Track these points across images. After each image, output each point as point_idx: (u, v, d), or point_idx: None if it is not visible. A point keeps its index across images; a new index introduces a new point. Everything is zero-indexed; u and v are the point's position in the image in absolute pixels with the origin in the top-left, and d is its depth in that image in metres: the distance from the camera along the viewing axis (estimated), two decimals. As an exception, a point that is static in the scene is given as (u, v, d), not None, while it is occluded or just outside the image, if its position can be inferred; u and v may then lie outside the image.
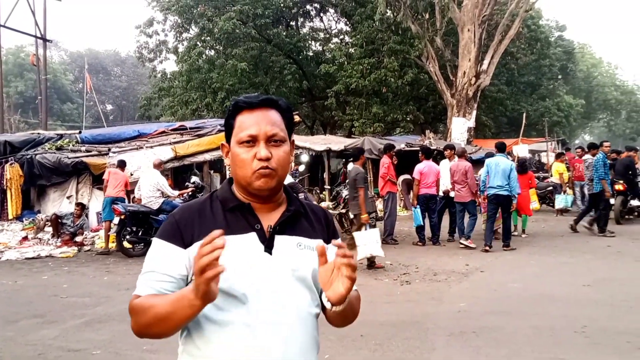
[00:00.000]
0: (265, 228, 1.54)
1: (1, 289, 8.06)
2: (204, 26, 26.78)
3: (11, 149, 14.02)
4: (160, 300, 1.41)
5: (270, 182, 1.52)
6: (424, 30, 23.98)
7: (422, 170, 10.84)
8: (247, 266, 1.47)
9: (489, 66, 23.37)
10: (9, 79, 48.16)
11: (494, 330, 5.48)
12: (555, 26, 45.14)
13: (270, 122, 1.54)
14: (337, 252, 1.39)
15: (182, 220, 1.54)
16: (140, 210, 10.53)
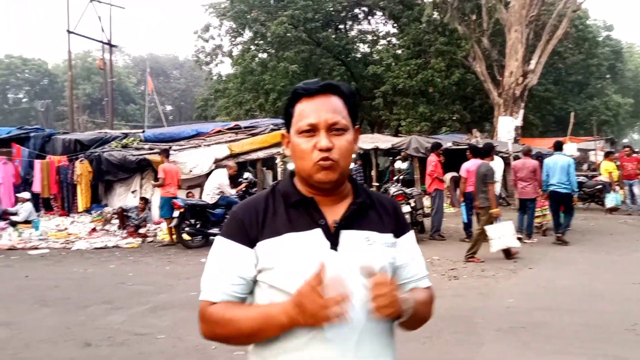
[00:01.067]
0: (330, 223, 1.40)
1: (73, 276, 8.38)
2: (257, 30, 27.07)
3: (81, 146, 14.52)
4: (242, 316, 1.35)
5: (332, 175, 1.38)
6: (471, 31, 23.51)
7: (470, 168, 10.63)
8: (311, 265, 1.31)
9: (537, 66, 22.71)
10: (77, 82, 49.92)
11: (543, 326, 5.33)
12: (603, 26, 43.47)
13: (331, 110, 1.39)
14: (374, 289, 1.28)
15: (246, 218, 1.43)
16: (198, 204, 10.74)
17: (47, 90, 60.18)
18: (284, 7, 26.63)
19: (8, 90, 61.42)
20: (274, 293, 1.37)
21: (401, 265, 1.48)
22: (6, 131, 15.32)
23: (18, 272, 8.77)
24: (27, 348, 4.92)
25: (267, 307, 1.35)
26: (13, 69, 59.29)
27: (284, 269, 1.35)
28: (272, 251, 1.37)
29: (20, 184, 14.02)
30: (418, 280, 1.53)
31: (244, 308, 1.39)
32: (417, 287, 1.52)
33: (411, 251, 1.53)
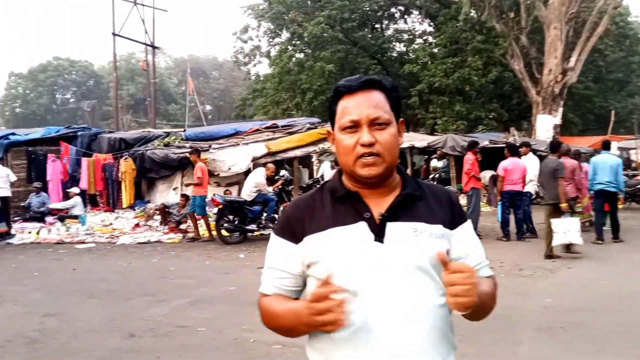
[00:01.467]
0: (375, 216, 1.39)
1: (118, 269, 8.58)
2: (294, 31, 27.18)
3: (125, 145, 14.86)
4: (281, 311, 1.40)
5: (376, 169, 1.37)
6: (509, 29, 23.04)
7: (507, 167, 10.43)
8: (356, 258, 1.34)
9: (576, 63, 22.11)
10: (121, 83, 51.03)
11: (582, 326, 5.19)
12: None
13: (372, 105, 1.39)
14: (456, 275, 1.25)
15: (292, 216, 1.47)
16: (236, 201, 10.86)
17: (93, 90, 61.77)
18: (321, 7, 26.67)
19: (56, 91, 63.31)
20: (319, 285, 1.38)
21: (460, 257, 1.44)
22: (55, 130, 15.80)
23: (66, 265, 9.04)
24: (75, 338, 5.06)
25: (298, 305, 1.37)
26: (61, 71, 61.05)
27: (329, 263, 1.36)
28: (317, 245, 1.39)
29: (68, 181, 14.46)
30: (480, 270, 1.48)
31: (285, 303, 1.42)
32: (480, 277, 1.44)
33: (469, 241, 1.48)
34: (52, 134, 15.40)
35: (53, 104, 62.78)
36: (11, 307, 6.27)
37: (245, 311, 5.87)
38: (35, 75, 60.44)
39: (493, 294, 1.47)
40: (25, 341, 4.95)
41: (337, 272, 1.32)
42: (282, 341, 4.80)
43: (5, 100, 62.77)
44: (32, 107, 60.00)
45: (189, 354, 4.56)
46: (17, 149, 14.88)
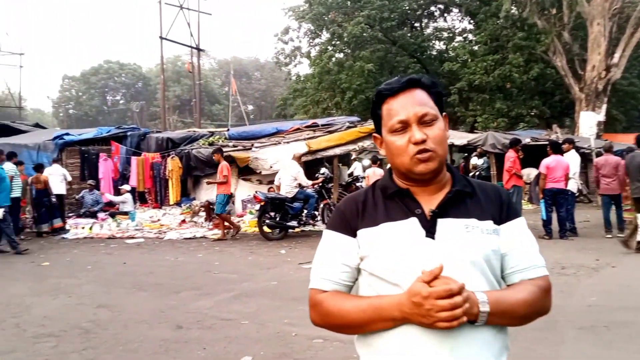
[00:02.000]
0: (426, 212, 1.38)
1: (165, 263, 8.78)
2: (334, 31, 27.14)
3: (172, 144, 15.18)
4: (353, 307, 1.36)
5: (431, 165, 1.37)
6: (551, 25, 22.42)
7: (549, 164, 10.15)
8: (407, 253, 1.34)
9: (620, 59, 21.34)
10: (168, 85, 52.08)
11: (627, 326, 5.00)
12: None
13: (418, 103, 1.39)
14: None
15: (347, 211, 1.47)
16: (278, 198, 10.93)
17: (141, 92, 63.33)
18: (361, 7, 26.56)
19: (107, 93, 65.18)
20: (374, 280, 1.38)
21: (506, 253, 1.41)
22: (106, 130, 16.27)
23: (117, 259, 9.32)
24: (126, 328, 5.21)
25: (378, 300, 1.34)
26: (111, 74, 62.81)
27: (380, 257, 1.36)
28: (369, 240, 1.39)
29: (119, 179, 14.87)
30: (525, 270, 1.41)
31: (354, 299, 1.40)
32: (525, 279, 1.41)
33: (517, 239, 1.43)
34: (104, 134, 15.86)
35: (104, 105, 64.65)
36: (66, 299, 6.50)
37: (287, 305, 5.92)
38: (88, 78, 62.35)
39: (528, 299, 1.36)
40: (79, 331, 5.12)
41: (386, 266, 1.34)
42: (323, 335, 4.81)
43: (60, 102, 64.97)
44: (85, 109, 61.94)
45: (233, 346, 4.63)
46: (71, 149, 15.39)
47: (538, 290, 1.39)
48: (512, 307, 1.33)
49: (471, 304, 1.24)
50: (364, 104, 26.62)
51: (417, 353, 1.30)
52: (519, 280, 1.41)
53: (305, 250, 9.71)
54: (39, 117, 60.49)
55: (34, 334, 5.08)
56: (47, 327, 5.29)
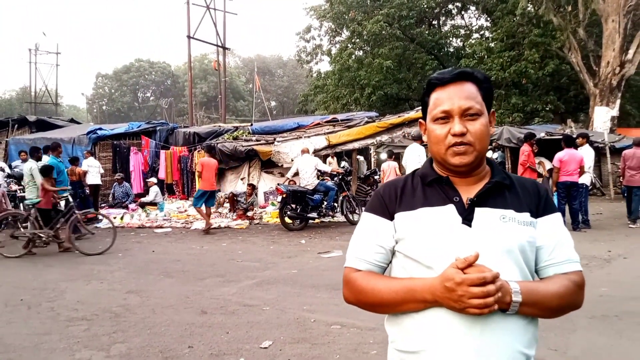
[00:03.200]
0: (464, 201, 1.38)
1: (191, 252, 8.86)
2: (354, 30, 27.00)
3: (198, 138, 15.27)
4: (385, 287, 1.36)
5: (466, 158, 1.36)
6: (566, 22, 21.97)
7: (562, 158, 9.98)
8: (443, 238, 1.33)
9: (635, 55, 20.83)
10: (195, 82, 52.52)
11: (638, 315, 4.90)
12: None
13: (464, 96, 1.37)
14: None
15: (385, 195, 1.47)
16: (298, 190, 10.94)
17: (170, 89, 63.92)
18: (380, 6, 26.37)
19: (138, 90, 65.98)
20: (408, 262, 1.39)
21: (542, 246, 1.39)
22: (137, 125, 16.44)
23: (146, 247, 9.44)
24: (154, 313, 5.27)
25: (411, 282, 1.33)
26: (142, 72, 63.53)
27: (417, 240, 1.37)
28: (406, 223, 1.40)
29: (148, 171, 15.03)
30: (560, 264, 1.39)
31: (387, 280, 1.40)
32: (559, 273, 1.38)
33: (554, 233, 1.40)
34: (134, 129, 16.03)
35: (135, 102, 65.48)
36: (98, 284, 6.60)
37: (306, 293, 5.93)
38: (120, 76, 63.19)
39: (560, 292, 1.33)
40: (110, 315, 5.21)
41: (422, 249, 1.35)
42: (340, 321, 4.82)
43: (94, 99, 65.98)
44: (117, 105, 62.83)
45: (254, 330, 4.65)
46: (104, 142, 15.62)
47: (572, 285, 1.36)
48: (544, 299, 1.31)
49: (504, 293, 1.23)
50: (382, 99, 26.46)
51: (446, 336, 1.29)
52: (553, 274, 1.39)
53: (324, 240, 9.71)
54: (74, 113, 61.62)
55: (68, 317, 5.18)
56: (80, 311, 5.38)
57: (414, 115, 14.01)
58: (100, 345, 4.36)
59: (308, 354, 4.10)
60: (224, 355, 4.10)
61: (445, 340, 1.29)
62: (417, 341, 1.33)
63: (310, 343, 4.32)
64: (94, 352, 4.24)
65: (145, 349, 4.25)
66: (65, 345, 4.40)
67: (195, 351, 4.19)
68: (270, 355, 4.09)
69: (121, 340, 4.49)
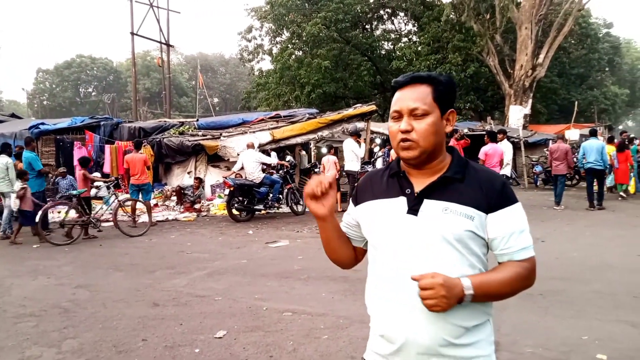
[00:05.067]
0: (416, 192, 1.45)
1: (140, 245, 8.45)
2: (294, 31, 26.84)
3: (144, 133, 14.61)
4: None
5: (411, 153, 1.43)
6: (485, 29, 22.86)
7: (487, 151, 10.32)
8: (389, 226, 1.44)
9: (544, 60, 22.03)
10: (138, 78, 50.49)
11: (559, 294, 5.12)
12: (603, 23, 41.75)
13: (413, 98, 1.43)
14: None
15: (360, 186, 1.64)
16: (245, 184, 10.71)
17: (112, 85, 61.13)
18: (318, 9, 26.34)
19: (80, 85, 62.64)
20: (369, 244, 1.57)
21: (495, 238, 1.43)
22: (80, 120, 15.49)
23: (93, 241, 8.91)
24: (104, 307, 4.95)
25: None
26: (83, 67, 60.39)
27: (370, 226, 1.52)
28: (366, 211, 1.54)
29: (93, 166, 14.21)
30: (512, 253, 1.44)
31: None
32: (511, 260, 1.45)
33: (507, 225, 1.42)
34: (78, 124, 15.09)
35: (77, 97, 62.14)
36: (45, 280, 6.14)
37: (257, 282, 5.78)
38: (61, 71, 59.77)
39: (514, 279, 1.42)
40: (59, 310, 4.84)
41: (372, 233, 1.51)
42: (292, 309, 4.72)
43: (35, 94, 62.07)
44: (58, 100, 59.42)
45: (208, 320, 4.46)
46: (47, 137, 14.63)
47: (522, 270, 1.44)
48: (495, 288, 1.39)
49: (458, 290, 1.32)
50: (321, 97, 26.49)
51: (391, 311, 1.45)
52: (507, 261, 1.46)
53: (271, 230, 9.56)
54: (15, 108, 57.56)
55: (15, 314, 4.77)
56: (28, 307, 4.97)
57: (352, 112, 14.09)
58: (50, 342, 4.04)
59: (262, 341, 3.98)
60: (179, 346, 3.90)
61: (388, 310, 1.45)
62: (375, 309, 1.51)
63: (263, 331, 4.19)
64: (45, 348, 3.91)
65: (97, 344, 3.97)
66: (14, 342, 4.04)
67: (150, 344, 3.96)
68: (225, 344, 3.93)
69: (72, 335, 4.18)
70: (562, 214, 10.68)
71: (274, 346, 3.87)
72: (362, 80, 27.44)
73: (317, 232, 9.32)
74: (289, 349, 3.82)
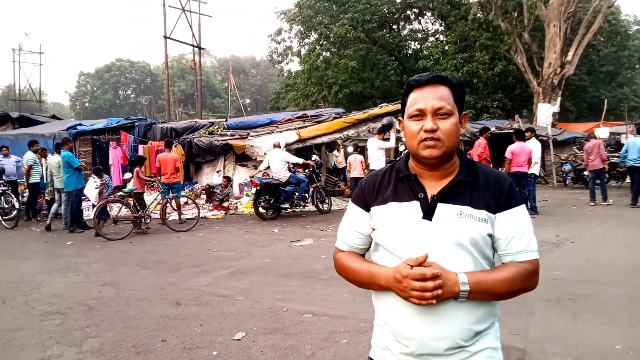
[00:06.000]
0: (429, 197, 1.41)
1: (168, 242, 8.43)
2: (321, 32, 26.69)
3: (175, 133, 14.67)
4: (357, 268, 1.48)
5: (435, 152, 1.39)
6: (513, 27, 22.17)
7: (514, 150, 9.92)
8: (405, 232, 1.39)
9: (573, 57, 21.20)
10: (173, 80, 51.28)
11: (590, 298, 4.77)
12: (634, 20, 40.03)
13: (437, 97, 1.40)
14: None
15: (365, 188, 1.54)
16: (272, 183, 10.59)
17: (150, 87, 62.27)
18: (345, 11, 26.09)
19: (119, 88, 64.04)
20: (380, 248, 1.48)
21: (500, 238, 1.41)
22: (116, 121, 15.69)
23: (124, 238, 8.93)
24: (128, 305, 4.88)
25: (374, 268, 1.44)
26: (123, 71, 61.69)
27: (386, 231, 1.44)
28: (379, 215, 1.46)
29: (127, 165, 14.38)
30: (515, 254, 1.41)
31: (359, 261, 1.51)
32: (514, 261, 1.41)
33: (512, 226, 1.40)
34: (114, 124, 15.27)
35: (116, 99, 63.55)
36: (74, 277, 6.13)
37: (279, 281, 5.62)
38: (102, 75, 61.23)
39: (508, 279, 1.38)
40: (84, 309, 4.79)
41: (389, 239, 1.43)
42: (312, 310, 4.54)
43: (77, 96, 63.77)
44: (99, 102, 60.87)
45: (228, 321, 4.32)
46: (84, 137, 14.87)
47: (522, 272, 1.40)
48: (492, 286, 1.35)
49: (452, 284, 1.30)
50: (348, 97, 26.24)
51: (403, 313, 1.39)
52: (509, 261, 1.42)
53: (296, 229, 9.41)
54: (58, 110, 59.29)
55: (42, 311, 4.74)
56: (55, 304, 4.94)
57: (377, 112, 13.82)
58: (72, 341, 3.97)
59: (281, 344, 3.81)
60: (197, 348, 3.76)
61: (402, 317, 1.40)
62: (386, 316, 1.45)
63: (282, 333, 4.02)
64: (66, 347, 3.84)
65: (117, 344, 3.87)
66: (38, 341, 3.99)
67: (168, 345, 3.84)
68: (244, 347, 3.77)
69: (94, 334, 4.11)
70: (592, 214, 10.14)
71: (292, 350, 3.69)
72: (388, 80, 27.05)
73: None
74: (307, 353, 3.64)
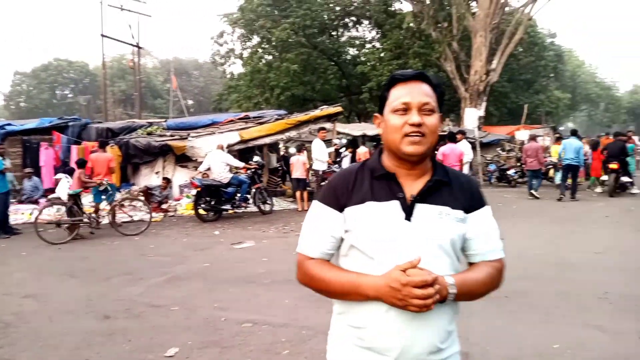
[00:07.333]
0: (407, 197, 1.31)
1: (101, 247, 7.71)
2: (263, 36, 26.28)
3: (112, 134, 13.69)
4: (335, 279, 1.32)
5: (420, 148, 1.30)
6: (443, 37, 22.75)
7: (445, 151, 10.01)
8: (386, 233, 1.28)
9: (497, 66, 22.09)
10: (113, 80, 48.73)
11: (524, 295, 4.72)
12: (548, 33, 42.74)
13: (423, 93, 1.33)
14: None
15: (338, 187, 1.38)
16: (212, 184, 10.06)
17: (88, 87, 58.84)
18: (286, 16, 25.78)
19: (56, 88, 60.09)
20: (353, 251, 1.34)
21: (471, 238, 1.36)
22: (48, 121, 14.42)
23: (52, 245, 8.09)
24: (50, 321, 4.27)
25: (357, 278, 1.29)
26: (60, 70, 57.98)
27: (363, 233, 1.31)
28: (355, 216, 1.33)
29: (60, 167, 13.23)
30: (486, 254, 1.38)
31: (336, 271, 1.35)
32: (484, 260, 1.38)
33: (482, 226, 1.38)
34: (46, 125, 14.02)
35: (53, 99, 59.59)
36: (-9, 289, 5.38)
37: (218, 288, 5.19)
38: (38, 74, 57.25)
39: (489, 279, 1.35)
40: None
41: (367, 241, 1.30)
42: (252, 319, 4.16)
43: (11, 96, 59.28)
44: (35, 102, 56.87)
45: (160, 335, 3.85)
46: (13, 138, 13.56)
47: (494, 272, 1.37)
48: (473, 288, 1.31)
49: (441, 288, 1.22)
50: (290, 100, 25.95)
51: (384, 316, 1.27)
52: (479, 261, 1.39)
53: (237, 231, 8.94)
54: (-11, 109, 54.68)
55: (-53, 332, 4.04)
56: (-36, 323, 4.24)
57: (318, 114, 13.61)
58: (-23, 367, 3.36)
59: (217, 359, 3.40)
60: (124, 369, 3.28)
61: (383, 319, 1.27)
62: (362, 318, 1.31)
63: (219, 347, 3.62)
64: (-31, 376, 3.24)
65: (31, 369, 3.31)
66: None
67: (91, 367, 3.33)
68: (176, 365, 3.33)
69: (7, 356, 3.51)
70: (517, 211, 10.42)
71: (229, 366, 3.30)
72: (329, 84, 27.01)
73: (283, 231, 8.76)
74: (246, 369, 3.26)
